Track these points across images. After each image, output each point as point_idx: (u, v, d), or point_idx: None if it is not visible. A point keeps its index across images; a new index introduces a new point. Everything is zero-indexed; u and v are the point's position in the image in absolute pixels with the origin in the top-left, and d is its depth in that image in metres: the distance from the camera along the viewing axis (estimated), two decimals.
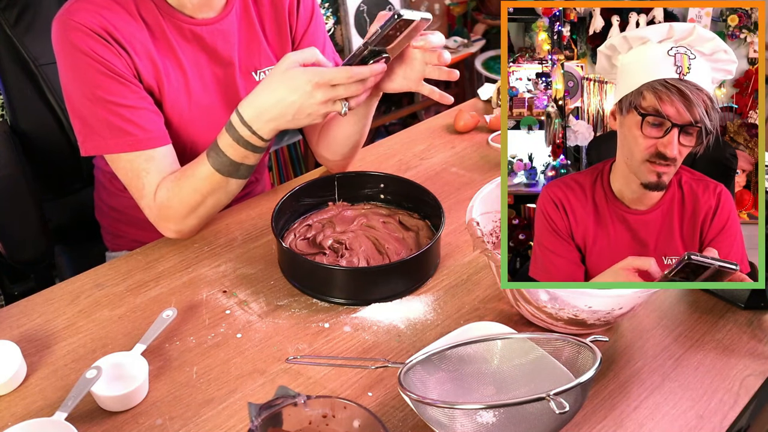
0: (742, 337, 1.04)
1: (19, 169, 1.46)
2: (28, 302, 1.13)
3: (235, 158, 1.16)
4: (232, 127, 1.14)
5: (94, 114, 1.18)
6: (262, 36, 1.35)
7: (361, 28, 2.85)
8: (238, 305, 1.12)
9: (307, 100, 1.09)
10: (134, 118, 1.19)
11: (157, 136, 1.22)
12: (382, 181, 1.31)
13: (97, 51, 1.16)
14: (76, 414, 0.92)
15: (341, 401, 0.81)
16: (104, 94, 1.18)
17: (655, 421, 0.92)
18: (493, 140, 1.57)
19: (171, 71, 1.25)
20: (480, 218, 1.06)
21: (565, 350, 0.92)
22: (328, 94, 1.08)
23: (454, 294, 1.14)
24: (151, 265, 1.21)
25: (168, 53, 1.25)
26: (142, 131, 1.20)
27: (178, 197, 1.20)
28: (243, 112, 1.13)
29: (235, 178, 1.19)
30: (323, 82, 1.07)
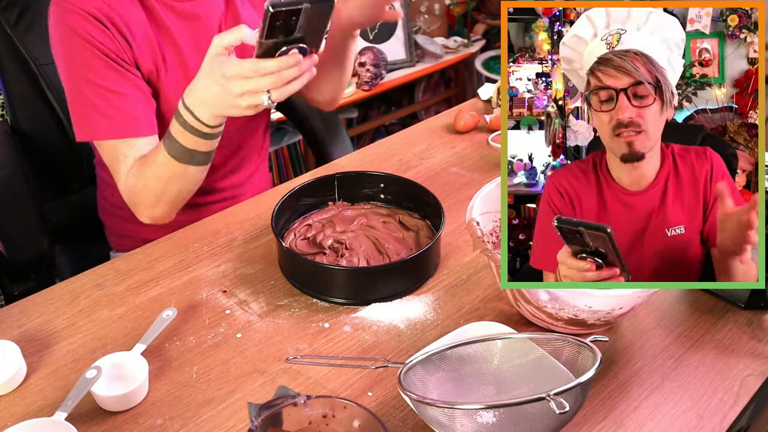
0: (742, 337, 1.04)
1: (19, 169, 1.46)
2: (28, 302, 1.13)
3: (186, 145, 1.14)
4: (179, 113, 1.13)
5: (85, 98, 1.20)
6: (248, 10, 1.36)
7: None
8: (238, 305, 1.12)
9: (226, 93, 1.06)
10: (122, 105, 1.20)
11: (143, 125, 1.23)
12: (382, 181, 1.31)
13: (93, 35, 1.17)
14: (76, 414, 0.92)
15: (341, 401, 0.81)
16: (95, 77, 1.18)
17: (655, 421, 0.92)
18: (493, 140, 1.57)
19: (168, 53, 1.26)
20: (480, 218, 1.06)
21: (565, 350, 0.92)
22: (244, 87, 1.04)
23: (454, 294, 1.14)
24: (151, 265, 1.21)
25: (165, 35, 1.26)
26: (129, 118, 1.21)
27: (142, 183, 1.21)
28: (185, 98, 1.12)
29: (193, 165, 1.18)
30: (232, 76, 1.04)
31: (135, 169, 1.22)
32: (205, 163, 1.20)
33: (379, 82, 2.79)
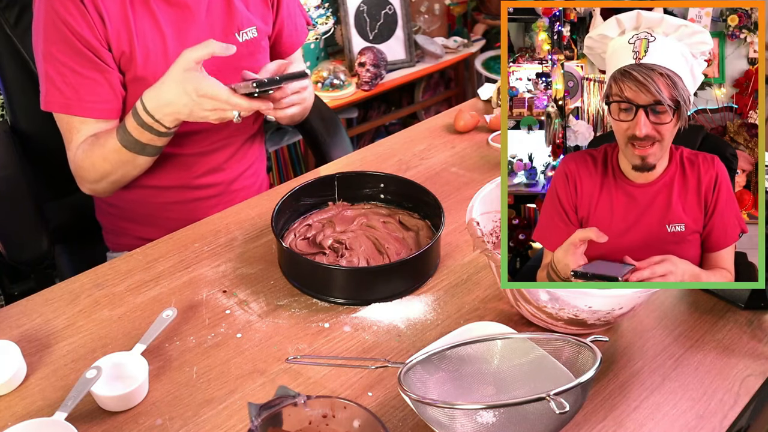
0: (742, 337, 1.04)
1: (19, 169, 1.46)
2: (28, 302, 1.13)
3: (141, 140, 1.22)
4: (137, 114, 1.21)
5: (44, 70, 1.26)
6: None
7: (361, 28, 2.85)
8: (238, 305, 1.12)
9: (197, 106, 1.17)
10: (75, 83, 1.25)
11: (93, 108, 1.28)
12: (382, 181, 1.31)
13: (69, 11, 1.21)
14: (76, 414, 0.92)
15: (341, 401, 0.81)
16: (57, 53, 1.24)
17: (655, 421, 0.92)
18: (493, 140, 1.57)
19: (148, 35, 1.28)
20: (480, 218, 1.06)
21: (565, 350, 0.92)
22: (215, 105, 1.17)
23: (454, 294, 1.14)
24: (151, 265, 1.21)
25: (146, 17, 1.28)
26: (78, 97, 1.26)
27: (90, 161, 1.29)
28: (146, 102, 1.19)
29: (143, 156, 1.25)
30: (206, 95, 1.15)
31: (86, 145, 1.29)
32: (155, 155, 1.28)
33: (379, 82, 2.78)
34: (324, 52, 2.88)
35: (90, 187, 1.35)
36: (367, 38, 2.86)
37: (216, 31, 1.34)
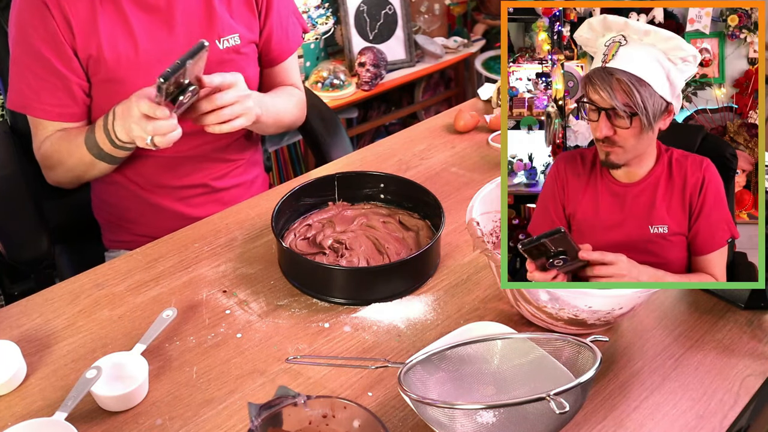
0: (742, 337, 1.05)
1: (19, 169, 1.46)
2: (28, 302, 1.13)
3: (101, 144, 1.26)
4: (107, 116, 1.24)
5: (10, 69, 1.31)
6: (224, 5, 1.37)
7: (361, 28, 2.85)
8: (238, 305, 1.12)
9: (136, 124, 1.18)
10: (36, 86, 1.30)
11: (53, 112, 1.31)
12: (382, 181, 1.31)
13: (33, 16, 1.25)
14: (76, 414, 0.92)
15: (341, 401, 0.81)
16: (21, 55, 1.29)
17: (655, 421, 0.92)
18: (493, 140, 1.57)
19: (119, 38, 1.29)
20: (480, 218, 1.06)
21: (565, 350, 0.92)
22: (143, 128, 1.17)
23: (454, 294, 1.14)
24: (151, 265, 1.21)
25: (116, 20, 1.29)
26: (38, 100, 1.30)
27: (57, 156, 1.33)
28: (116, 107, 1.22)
29: (101, 162, 1.30)
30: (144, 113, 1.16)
31: (56, 138, 1.33)
32: (113, 164, 1.32)
33: (379, 82, 2.78)
34: (324, 52, 2.88)
35: (55, 179, 1.39)
36: (367, 38, 2.86)
37: (194, 37, 1.32)
